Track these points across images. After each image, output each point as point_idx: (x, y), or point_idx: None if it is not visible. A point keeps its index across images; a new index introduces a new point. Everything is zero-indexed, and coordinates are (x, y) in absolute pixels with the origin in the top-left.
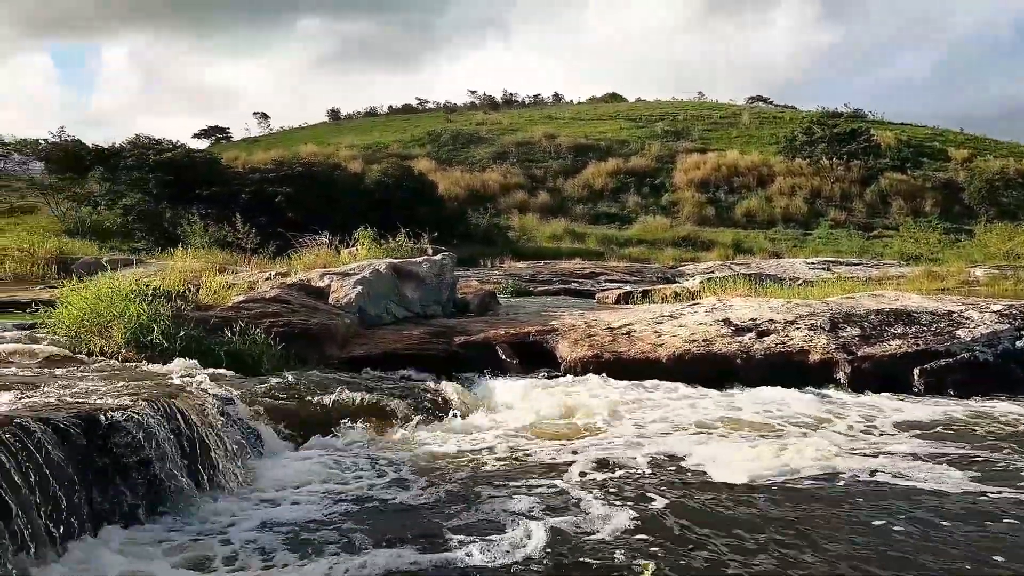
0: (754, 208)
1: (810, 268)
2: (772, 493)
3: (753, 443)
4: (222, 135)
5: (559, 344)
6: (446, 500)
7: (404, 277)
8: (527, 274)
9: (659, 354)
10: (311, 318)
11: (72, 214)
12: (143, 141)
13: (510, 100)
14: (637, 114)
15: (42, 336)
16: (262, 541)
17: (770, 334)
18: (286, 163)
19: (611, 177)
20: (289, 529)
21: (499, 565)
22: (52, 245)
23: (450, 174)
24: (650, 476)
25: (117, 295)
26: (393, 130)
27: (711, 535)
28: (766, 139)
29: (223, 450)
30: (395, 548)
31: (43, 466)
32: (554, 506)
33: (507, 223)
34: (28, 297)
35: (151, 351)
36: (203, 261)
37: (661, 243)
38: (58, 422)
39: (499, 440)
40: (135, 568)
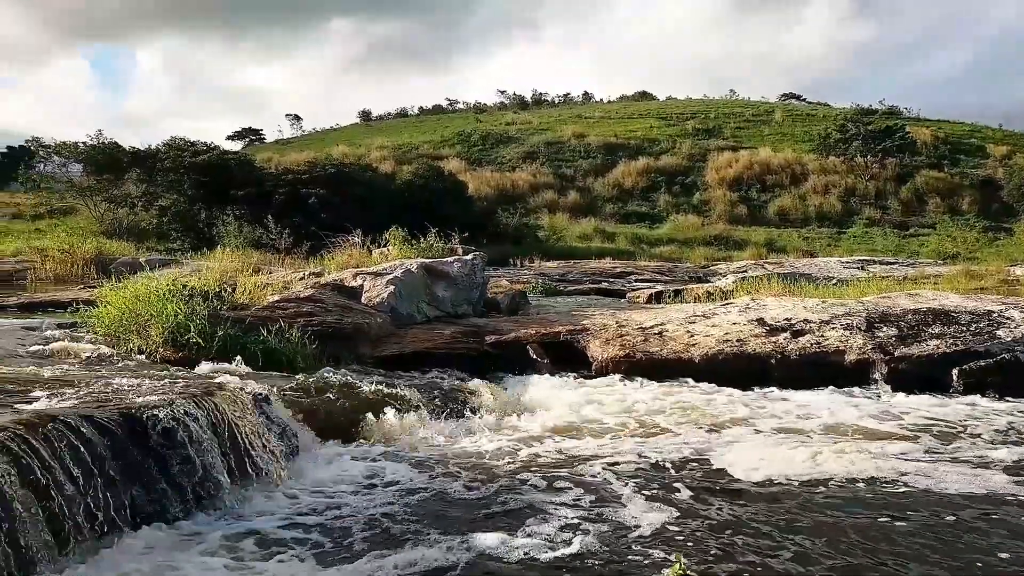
0: (787, 206)
1: (845, 267)
2: (806, 495)
3: (789, 444)
4: (255, 137)
5: (590, 344)
6: (481, 498)
7: (435, 277)
8: (557, 274)
9: (692, 354)
10: (344, 317)
11: (110, 215)
12: (178, 143)
13: (540, 99)
14: (668, 112)
15: (82, 335)
16: (298, 537)
17: (805, 334)
18: (318, 164)
19: (641, 176)
20: (325, 526)
21: (535, 560)
22: (91, 246)
23: (480, 174)
24: (684, 476)
25: (155, 295)
26: (423, 131)
27: (740, 533)
28: (799, 137)
29: (260, 448)
30: (430, 545)
31: (86, 462)
32: (589, 503)
33: (536, 223)
34: (68, 297)
35: (188, 350)
36: (238, 261)
37: (692, 242)
38: (100, 419)
39: (532, 439)
40: (176, 563)
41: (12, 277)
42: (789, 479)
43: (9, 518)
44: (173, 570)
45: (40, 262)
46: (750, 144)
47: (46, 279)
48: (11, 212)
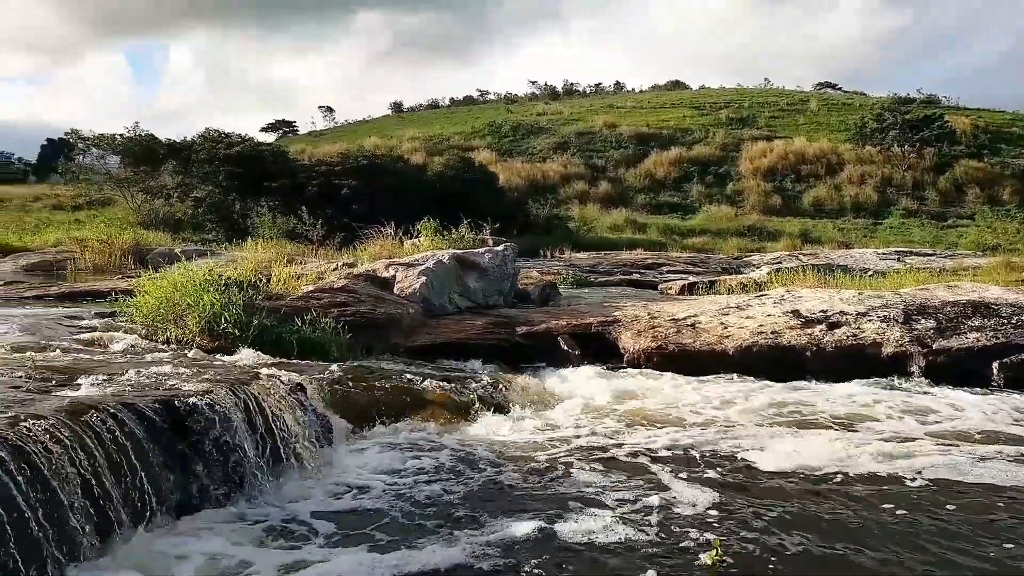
0: (822, 197)
1: (881, 258)
2: (843, 487)
3: (827, 437)
4: (289, 129)
5: (622, 335)
6: (514, 486)
7: (467, 268)
8: (588, 265)
9: (725, 346)
10: (377, 308)
11: (146, 206)
12: (213, 135)
13: (571, 90)
14: (701, 102)
15: (121, 324)
16: (334, 525)
17: (841, 326)
18: (351, 156)
19: (674, 166)
20: (361, 515)
21: (576, 544)
22: (128, 236)
23: (510, 165)
24: (720, 465)
25: (192, 285)
26: (454, 122)
27: (777, 522)
28: (834, 126)
29: (295, 436)
30: (465, 532)
31: (127, 450)
32: (627, 491)
33: (567, 213)
34: (107, 287)
35: (224, 339)
36: (273, 252)
37: (725, 233)
38: (140, 407)
39: (566, 429)
40: (214, 550)
41: (53, 267)
42: (824, 471)
43: (55, 503)
44: (210, 555)
45: (80, 252)
46: (785, 134)
47: (85, 269)
48: (52, 203)
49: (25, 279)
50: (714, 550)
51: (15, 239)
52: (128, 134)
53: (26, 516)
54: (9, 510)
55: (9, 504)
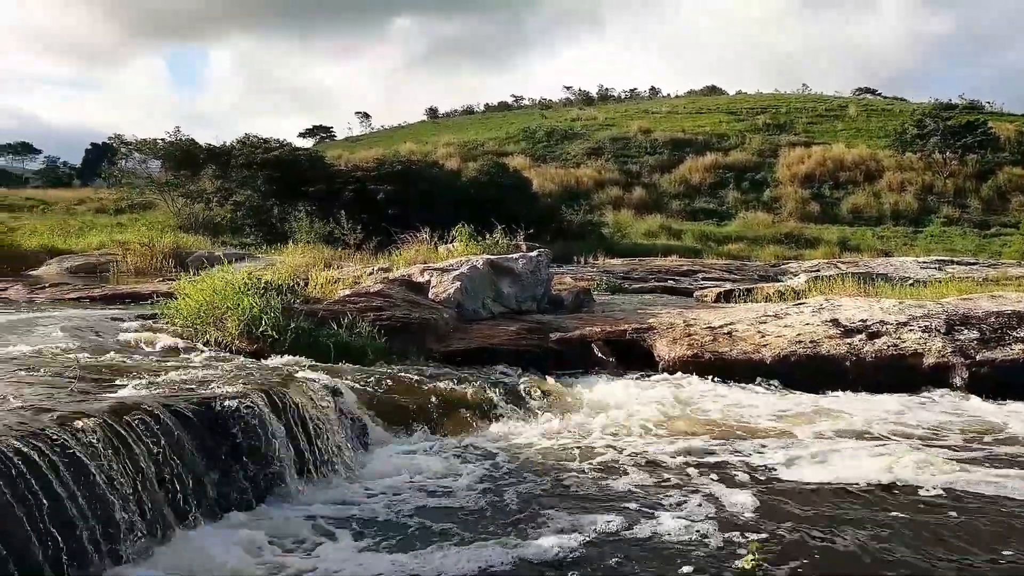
0: (861, 204)
1: (922, 267)
2: (879, 498)
3: (867, 448)
4: (326, 134)
5: (657, 343)
6: (550, 492)
7: (500, 273)
8: (622, 271)
9: (763, 355)
10: (412, 312)
11: (186, 210)
12: (252, 140)
13: (605, 95)
14: (737, 107)
15: (161, 326)
16: (368, 528)
17: (881, 336)
18: (387, 161)
19: (709, 172)
20: (395, 517)
21: (610, 550)
22: (169, 240)
23: (544, 170)
24: (758, 476)
25: (231, 288)
26: (489, 127)
27: (813, 531)
28: (874, 132)
29: (332, 439)
30: (499, 539)
31: (167, 450)
32: (662, 496)
33: (601, 219)
34: (149, 289)
35: (263, 342)
36: (310, 256)
37: (762, 240)
38: (180, 408)
39: (601, 435)
40: (250, 550)
41: (96, 269)
42: (867, 483)
43: (98, 500)
44: (245, 555)
45: (122, 255)
46: (823, 140)
47: (127, 271)
48: (95, 207)
49: (70, 281)
50: (750, 555)
51: (60, 242)
52: (169, 138)
53: (72, 513)
54: (56, 507)
55: (56, 501)
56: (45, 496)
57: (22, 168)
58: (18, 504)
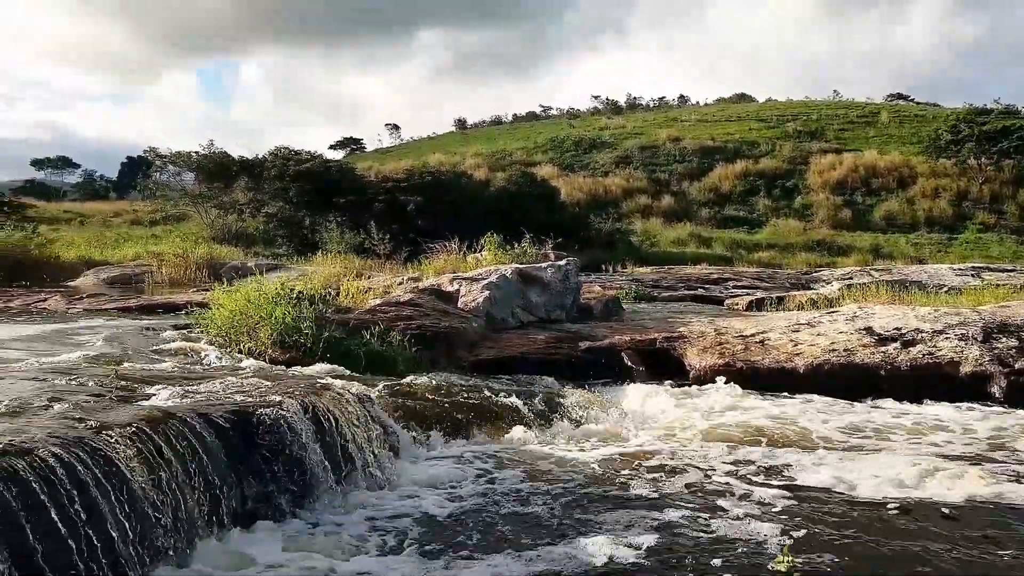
0: (894, 211)
1: (957, 274)
2: (917, 512)
3: (907, 459)
4: (356, 146)
5: (687, 351)
6: (582, 502)
7: (529, 282)
8: (651, 279)
9: (795, 364)
10: (441, 321)
11: (219, 221)
12: (284, 152)
13: (634, 104)
14: (767, 114)
15: (196, 336)
16: (401, 537)
17: (916, 344)
18: (416, 172)
19: (739, 179)
20: (427, 526)
21: (640, 563)
22: (203, 251)
23: (572, 179)
24: (795, 487)
25: (264, 298)
26: (517, 137)
27: (850, 541)
28: (907, 138)
29: (363, 448)
30: (530, 551)
31: (201, 458)
32: (698, 505)
33: (629, 228)
34: (183, 299)
35: (296, 351)
36: (341, 266)
37: (793, 248)
38: (214, 417)
39: (633, 444)
40: (282, 559)
41: (132, 280)
42: (899, 496)
43: (134, 508)
44: (278, 564)
45: (157, 266)
46: (854, 146)
47: (162, 282)
48: (131, 219)
49: (106, 291)
50: (785, 558)
51: (97, 253)
52: (203, 151)
53: (108, 519)
54: (92, 513)
55: (93, 507)
56: (82, 502)
57: (61, 181)
58: (57, 509)
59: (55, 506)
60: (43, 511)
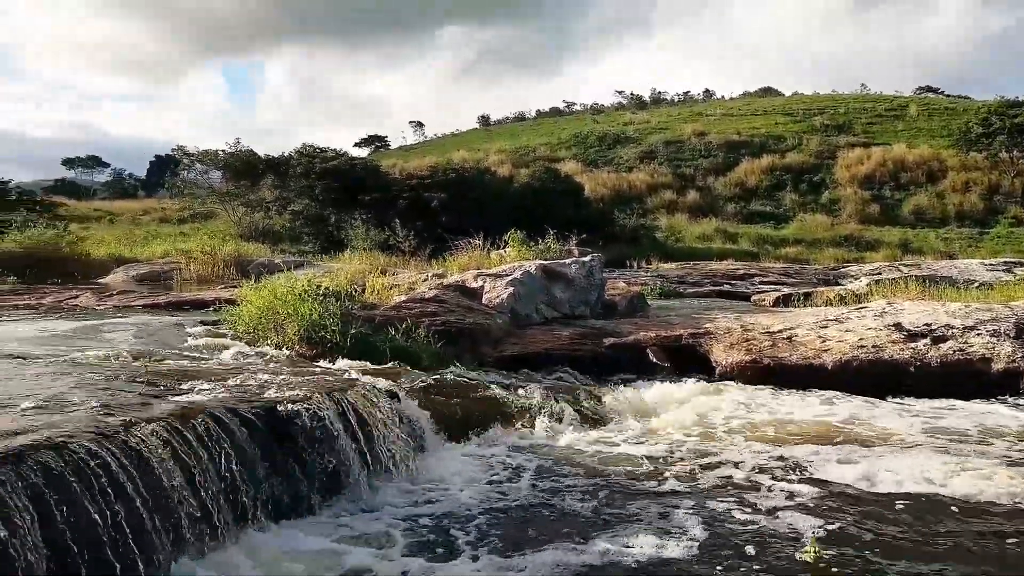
0: (923, 205)
1: (989, 269)
2: (948, 509)
3: (937, 457)
4: (381, 144)
5: (713, 348)
6: (608, 499)
7: (553, 278)
8: (676, 275)
9: (823, 360)
10: (466, 317)
11: (246, 219)
12: (309, 150)
13: (658, 99)
14: (794, 108)
15: (224, 332)
16: (430, 531)
17: (946, 340)
18: (440, 169)
19: (765, 174)
20: (452, 520)
21: (667, 559)
22: (230, 248)
23: (596, 175)
24: (824, 481)
25: (291, 295)
26: (540, 133)
27: (883, 539)
28: (936, 132)
29: (390, 442)
30: (555, 545)
31: (231, 453)
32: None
33: (654, 224)
34: (211, 296)
35: (322, 347)
36: (366, 263)
37: (820, 243)
38: (243, 412)
39: (658, 440)
40: (310, 551)
41: (160, 277)
42: (934, 493)
43: (165, 501)
44: (306, 556)
45: (185, 263)
46: (883, 140)
47: (190, 279)
48: (159, 216)
49: (136, 288)
50: (811, 547)
51: (126, 251)
52: (230, 150)
53: (140, 511)
54: (125, 505)
55: (125, 500)
56: (115, 494)
57: (91, 180)
58: (91, 501)
59: (88, 498)
60: (76, 503)
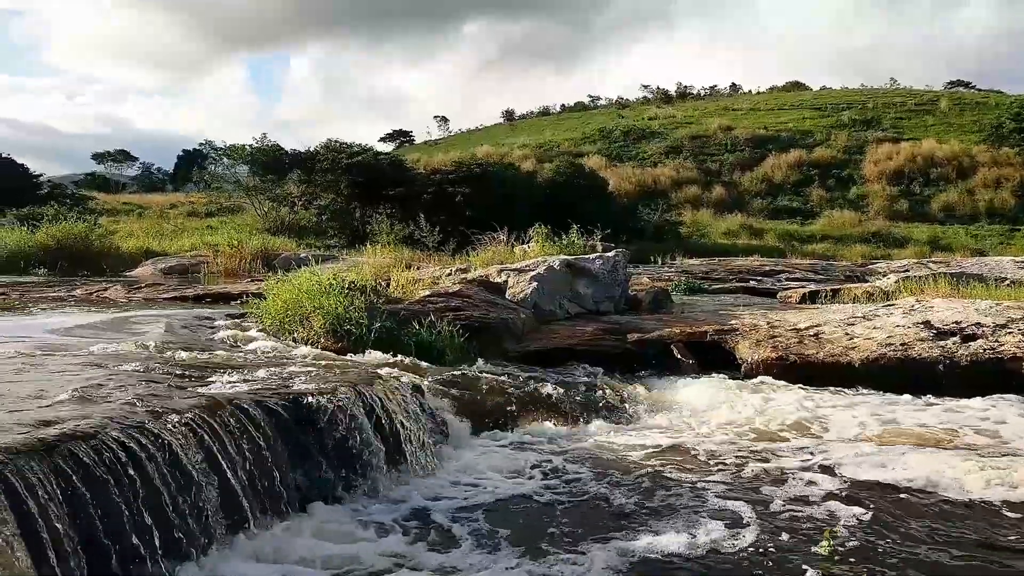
0: (953, 202)
1: (1020, 267)
2: (981, 510)
3: (968, 458)
4: (405, 138)
5: (739, 344)
6: (630, 495)
7: (577, 274)
8: (701, 271)
9: (851, 358)
10: (490, 312)
11: (272, 213)
12: (335, 145)
13: (684, 93)
14: (822, 103)
15: (251, 325)
16: (450, 525)
17: (977, 339)
18: (464, 164)
19: (792, 169)
20: (476, 515)
21: (694, 556)
22: (257, 242)
23: (620, 170)
24: (851, 480)
25: (317, 289)
26: (565, 128)
27: (910, 538)
28: (967, 127)
29: (414, 436)
30: (580, 542)
31: (257, 444)
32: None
33: (679, 219)
34: (238, 289)
35: (347, 340)
36: (391, 257)
37: (848, 239)
38: (270, 404)
39: (684, 439)
40: (335, 543)
41: (188, 270)
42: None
43: (191, 492)
44: (331, 549)
45: (212, 257)
46: (912, 135)
47: (217, 272)
48: (187, 210)
49: (164, 281)
50: (826, 541)
51: (155, 244)
52: (256, 144)
53: (167, 502)
54: (152, 496)
55: (152, 490)
56: (143, 485)
57: (120, 174)
58: (120, 492)
59: (117, 488)
60: (106, 492)
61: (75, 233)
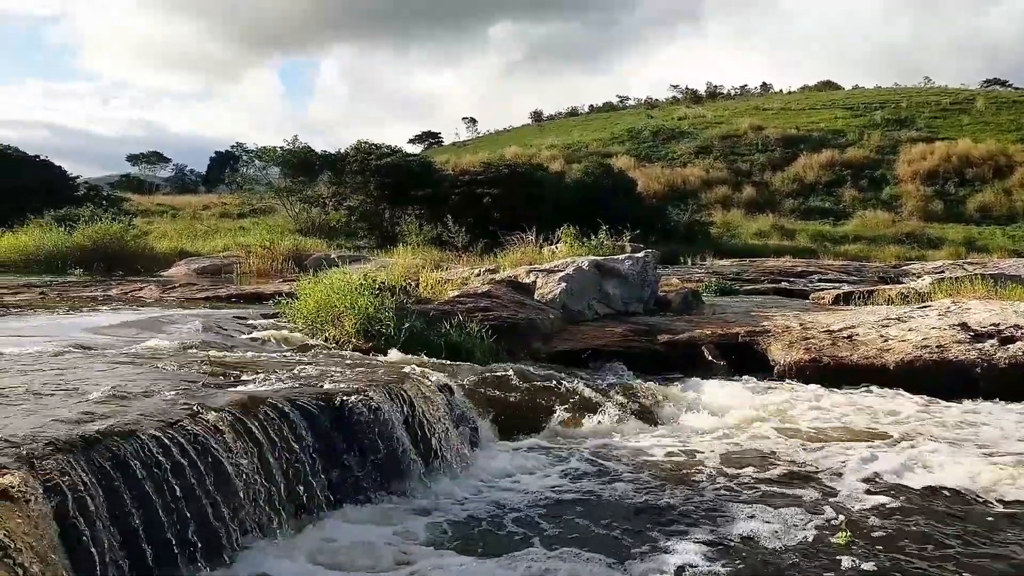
0: (989, 202)
1: None
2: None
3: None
4: (434, 140)
5: (771, 346)
6: (663, 498)
7: (606, 274)
8: (731, 272)
9: (885, 360)
10: (518, 313)
11: (304, 214)
12: (364, 147)
13: (714, 92)
14: (854, 102)
15: (283, 324)
16: (482, 524)
17: (1016, 341)
18: (492, 165)
19: (824, 170)
20: (507, 516)
21: (720, 563)
22: (288, 243)
23: (649, 171)
24: (890, 482)
25: (348, 289)
26: (593, 129)
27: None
28: (1004, 126)
29: (444, 436)
30: (611, 545)
31: (291, 443)
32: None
33: (709, 219)
34: (271, 289)
35: (378, 340)
36: (420, 258)
37: (881, 240)
38: (303, 403)
39: (717, 442)
40: (367, 543)
41: (221, 270)
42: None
43: (227, 490)
44: (363, 549)
45: (244, 257)
46: (947, 135)
47: (249, 273)
48: (219, 211)
49: (197, 281)
50: (843, 532)
51: (188, 244)
52: (287, 146)
53: (202, 500)
54: (188, 494)
55: (188, 489)
56: (178, 484)
57: (154, 176)
58: (155, 490)
59: (154, 485)
60: (143, 490)
61: (111, 234)
